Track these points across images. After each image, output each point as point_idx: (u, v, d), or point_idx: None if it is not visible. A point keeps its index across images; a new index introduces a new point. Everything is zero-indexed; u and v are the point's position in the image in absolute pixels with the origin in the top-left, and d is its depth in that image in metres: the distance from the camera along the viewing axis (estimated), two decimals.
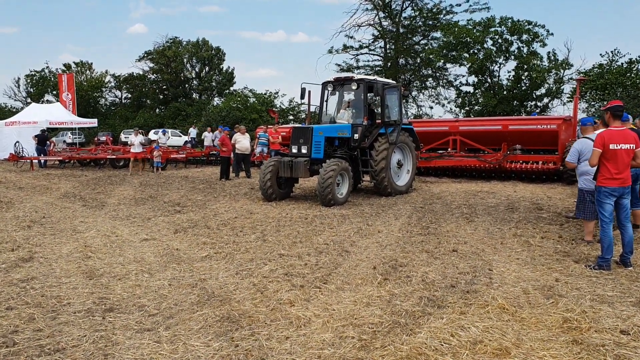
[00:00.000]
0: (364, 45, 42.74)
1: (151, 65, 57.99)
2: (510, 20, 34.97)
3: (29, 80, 59.12)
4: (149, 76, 58.53)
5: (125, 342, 4.47)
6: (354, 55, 43.07)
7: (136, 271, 6.70)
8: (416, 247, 7.95)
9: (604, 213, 6.72)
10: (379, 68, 42.41)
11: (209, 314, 5.11)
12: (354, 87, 13.57)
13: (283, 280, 6.28)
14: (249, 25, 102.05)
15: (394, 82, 14.71)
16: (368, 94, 13.70)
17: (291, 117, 44.13)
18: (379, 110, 13.99)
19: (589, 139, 7.87)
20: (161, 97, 58.42)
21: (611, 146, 6.54)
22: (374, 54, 43.36)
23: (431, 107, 46.44)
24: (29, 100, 55.37)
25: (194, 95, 58.69)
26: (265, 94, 45.44)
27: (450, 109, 41.06)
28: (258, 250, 7.84)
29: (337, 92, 14.60)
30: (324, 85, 14.25)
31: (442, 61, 38.50)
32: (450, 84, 41.62)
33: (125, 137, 39.95)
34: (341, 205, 12.18)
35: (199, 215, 11.08)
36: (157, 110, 57.92)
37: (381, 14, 41.88)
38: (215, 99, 58.38)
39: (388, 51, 42.51)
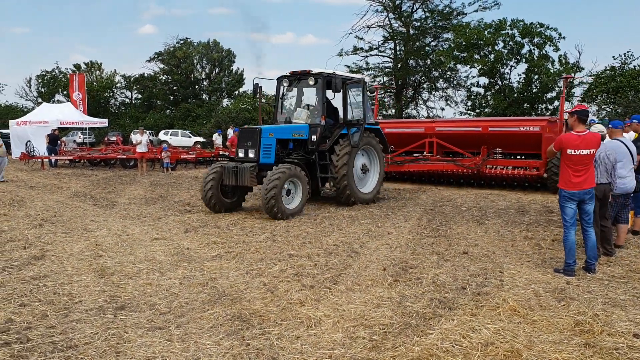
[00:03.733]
0: (374, 46, 42.73)
1: (161, 66, 58.34)
2: (521, 23, 34.83)
3: (40, 80, 59.56)
4: (159, 77, 58.82)
5: (136, 340, 4.49)
6: (363, 56, 43.06)
7: (147, 270, 6.73)
8: (426, 249, 7.93)
9: (565, 217, 6.64)
10: (388, 69, 42.37)
11: (220, 313, 5.13)
12: (311, 83, 12.28)
13: (293, 280, 6.28)
14: (258, 27, 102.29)
15: (358, 76, 12.77)
16: (328, 90, 12.28)
17: None
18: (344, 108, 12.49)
19: (620, 141, 7.65)
20: (171, 98, 58.71)
21: (568, 151, 6.44)
22: (384, 56, 43.32)
23: (442, 109, 46.03)
24: (40, 100, 55.72)
25: (203, 96, 58.93)
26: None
27: (461, 112, 40.96)
28: (268, 250, 7.86)
29: (294, 89, 13.22)
30: (279, 80, 12.97)
31: (452, 62, 38.35)
32: (461, 86, 41.51)
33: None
34: (292, 218, 10.59)
35: (209, 215, 11.10)
36: (168, 111, 58.19)
37: (391, 16, 41.85)
38: (225, 100, 58.60)
39: (398, 52, 42.44)
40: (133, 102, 62.11)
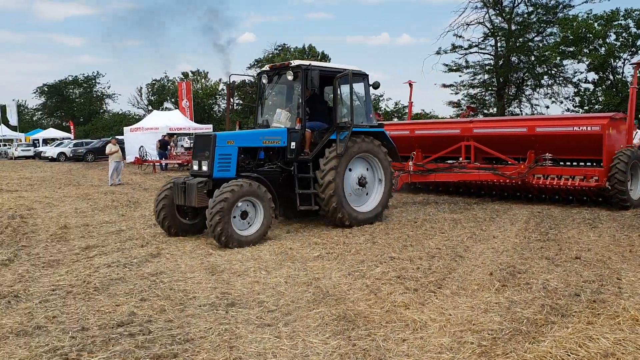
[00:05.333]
0: (474, 44, 41.46)
1: None
2: (637, 13, 32.37)
3: (150, 89, 63.52)
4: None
5: (247, 336, 4.68)
6: (462, 54, 41.91)
7: (254, 268, 6.99)
8: (535, 254, 7.60)
9: None
10: (489, 67, 41.02)
11: (325, 313, 5.21)
12: (289, 78, 10.23)
13: (396, 283, 6.26)
14: (353, 30, 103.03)
15: (348, 68, 10.24)
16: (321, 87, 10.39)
17: (396, 119, 43.85)
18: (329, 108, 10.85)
19: None
20: (270, 103, 60.37)
21: None
22: (484, 53, 41.92)
23: (547, 107, 43.55)
24: (150, 107, 59.43)
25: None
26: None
27: (568, 109, 38.78)
28: (368, 252, 7.88)
29: (276, 86, 11.53)
30: (259, 76, 11.24)
31: (558, 58, 36.34)
32: (568, 82, 39.25)
33: None
34: (249, 246, 8.41)
35: (308, 216, 11.28)
36: None
37: (491, 12, 40.45)
38: None
39: (499, 49, 40.93)
40: (235, 108, 64.57)
